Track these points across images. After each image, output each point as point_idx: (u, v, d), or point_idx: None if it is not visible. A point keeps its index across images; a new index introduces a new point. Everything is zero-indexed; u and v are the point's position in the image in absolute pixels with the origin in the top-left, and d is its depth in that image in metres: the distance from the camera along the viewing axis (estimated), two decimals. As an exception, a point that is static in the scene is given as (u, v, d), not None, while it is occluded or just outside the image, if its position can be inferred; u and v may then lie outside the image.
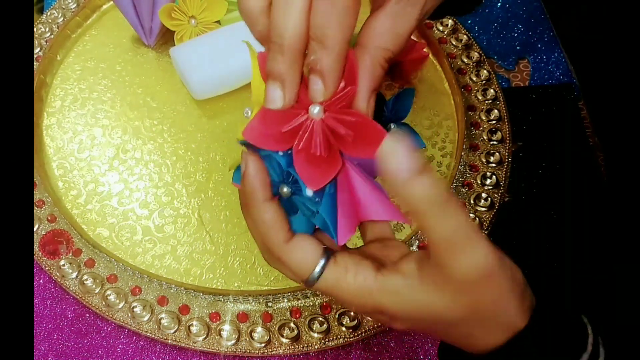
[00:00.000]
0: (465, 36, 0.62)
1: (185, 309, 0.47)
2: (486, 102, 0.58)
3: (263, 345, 0.45)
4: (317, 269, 0.28)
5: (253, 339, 0.45)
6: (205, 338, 0.45)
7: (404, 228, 0.52)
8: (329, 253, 0.29)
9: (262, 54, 0.28)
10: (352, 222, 0.29)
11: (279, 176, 0.29)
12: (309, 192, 0.28)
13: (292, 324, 0.45)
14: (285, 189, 0.29)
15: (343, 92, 0.27)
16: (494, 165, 0.54)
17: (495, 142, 0.55)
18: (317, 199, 0.28)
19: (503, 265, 0.27)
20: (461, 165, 0.54)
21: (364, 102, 0.28)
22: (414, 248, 0.49)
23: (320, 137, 0.27)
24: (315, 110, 0.27)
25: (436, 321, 0.28)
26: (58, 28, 0.63)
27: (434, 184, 0.24)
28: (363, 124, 0.27)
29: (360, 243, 0.33)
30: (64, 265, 0.48)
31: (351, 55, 0.27)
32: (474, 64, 0.60)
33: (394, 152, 0.24)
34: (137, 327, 0.45)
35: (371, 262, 0.28)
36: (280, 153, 0.28)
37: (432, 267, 0.27)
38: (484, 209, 0.51)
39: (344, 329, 0.45)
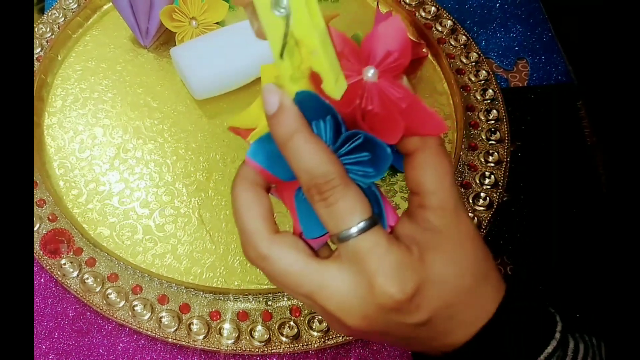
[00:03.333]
0: (464, 36, 0.62)
1: (185, 308, 0.47)
2: (485, 102, 0.58)
3: (263, 343, 0.45)
4: (368, 221, 0.25)
5: (253, 337, 0.45)
6: (205, 337, 0.45)
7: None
8: (375, 217, 0.26)
9: None
10: (392, 210, 0.28)
11: (331, 143, 0.26)
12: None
13: (292, 323, 0.46)
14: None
15: (394, 61, 0.26)
16: (492, 165, 0.54)
17: (494, 142, 0.55)
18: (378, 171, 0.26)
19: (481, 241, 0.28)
20: (460, 165, 0.54)
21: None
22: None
23: (378, 96, 0.26)
24: (370, 72, 0.26)
25: (462, 285, 0.27)
26: (59, 28, 0.63)
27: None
28: (414, 99, 0.26)
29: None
30: (64, 264, 0.48)
31: (402, 26, 0.26)
32: (473, 64, 0.60)
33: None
34: (138, 326, 0.46)
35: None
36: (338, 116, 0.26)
37: (436, 223, 0.27)
38: (482, 208, 0.51)
39: (343, 327, 0.45)
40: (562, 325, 0.29)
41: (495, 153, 0.54)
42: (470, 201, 0.52)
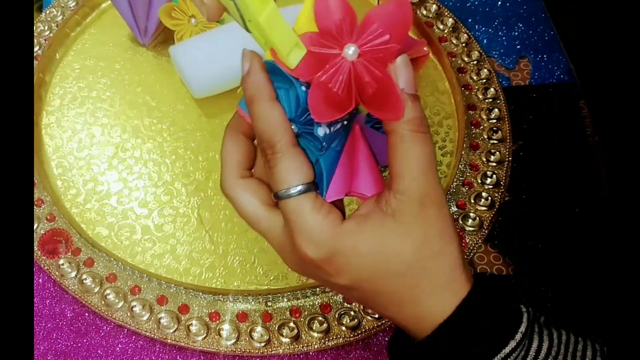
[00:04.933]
0: (465, 35, 0.62)
1: (184, 309, 0.46)
2: (486, 101, 0.58)
3: (263, 344, 0.45)
4: (300, 187, 0.28)
5: (253, 338, 0.45)
6: (204, 337, 0.45)
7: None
8: (313, 184, 0.29)
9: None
10: (344, 187, 0.30)
11: (292, 112, 0.28)
12: (320, 132, 0.28)
13: (291, 324, 0.45)
14: (294, 127, 0.29)
15: (383, 44, 0.27)
16: (494, 164, 0.54)
17: (495, 141, 0.55)
18: (323, 146, 0.28)
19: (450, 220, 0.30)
20: (461, 165, 0.54)
21: (402, 63, 0.28)
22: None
23: (345, 76, 0.27)
24: (350, 50, 0.27)
25: (390, 265, 0.29)
26: (57, 26, 0.62)
27: (421, 113, 0.28)
28: (387, 83, 0.27)
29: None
30: (63, 264, 0.48)
31: (402, 9, 0.27)
32: (475, 63, 0.60)
33: (404, 70, 0.27)
34: (137, 327, 0.45)
35: (340, 214, 0.29)
36: (303, 87, 0.28)
37: (394, 207, 0.28)
38: (484, 208, 0.51)
39: (343, 328, 0.45)
40: (528, 325, 0.30)
41: (497, 152, 0.54)
42: (472, 201, 0.51)
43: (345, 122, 0.30)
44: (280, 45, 0.27)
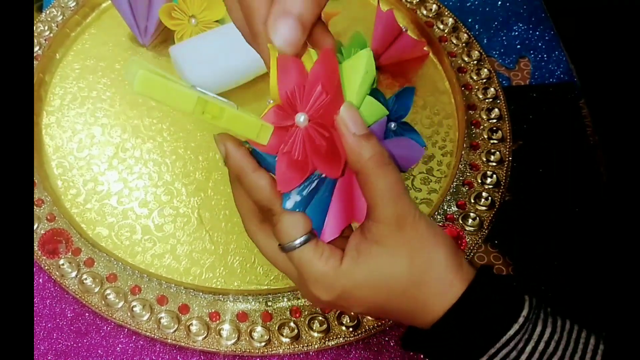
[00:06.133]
0: (465, 35, 0.62)
1: (184, 309, 0.46)
2: (487, 100, 0.58)
3: (263, 344, 0.45)
4: (301, 239, 0.31)
5: (253, 338, 0.45)
6: (204, 337, 0.45)
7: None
8: (314, 235, 0.32)
9: (282, 56, 0.29)
10: (340, 225, 0.32)
11: None
12: (288, 205, 0.31)
13: (292, 324, 0.45)
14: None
15: (324, 104, 0.29)
16: (494, 164, 0.54)
17: (495, 141, 0.55)
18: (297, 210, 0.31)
19: (437, 228, 0.33)
20: (461, 164, 0.54)
21: (345, 111, 0.30)
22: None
23: (300, 142, 0.30)
24: (301, 119, 0.29)
25: (389, 288, 0.31)
26: (57, 26, 0.62)
27: (379, 147, 0.30)
28: (332, 142, 0.30)
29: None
30: (63, 264, 0.48)
31: (332, 64, 0.29)
32: (475, 63, 0.60)
33: (350, 115, 0.29)
34: (137, 327, 0.45)
35: (340, 252, 0.32)
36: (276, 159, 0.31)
37: (376, 234, 0.31)
38: (484, 208, 0.51)
39: (343, 328, 0.45)
40: (530, 310, 0.32)
41: (497, 152, 0.54)
42: (472, 201, 0.51)
43: (322, 175, 0.32)
44: (248, 134, 0.30)
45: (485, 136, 0.55)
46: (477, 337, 0.31)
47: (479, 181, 0.52)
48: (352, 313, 0.44)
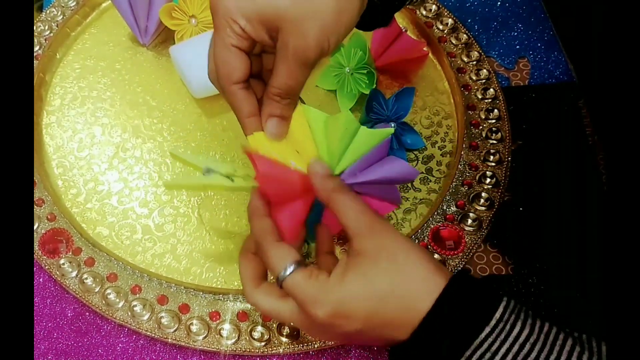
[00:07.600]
0: (465, 35, 0.62)
1: (185, 308, 0.47)
2: (486, 101, 0.58)
3: (263, 344, 0.45)
4: (291, 267, 0.35)
5: (253, 337, 0.45)
6: (205, 337, 0.45)
7: (404, 227, 0.52)
8: (301, 261, 0.36)
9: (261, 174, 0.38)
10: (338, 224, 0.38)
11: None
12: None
13: (292, 323, 0.45)
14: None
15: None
16: (493, 164, 0.54)
17: (495, 142, 0.55)
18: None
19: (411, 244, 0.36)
20: (461, 165, 0.54)
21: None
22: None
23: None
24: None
25: (379, 290, 0.34)
26: (57, 26, 0.62)
27: (340, 181, 0.38)
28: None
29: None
30: (63, 264, 0.48)
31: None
32: (474, 63, 0.60)
33: (318, 165, 0.37)
34: (137, 326, 0.45)
35: (329, 270, 0.36)
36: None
37: (356, 247, 0.35)
38: (483, 208, 0.51)
39: (343, 328, 0.45)
40: (504, 311, 0.33)
41: (497, 152, 0.54)
42: (471, 201, 0.51)
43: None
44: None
45: (485, 136, 0.55)
46: (452, 340, 0.33)
47: (479, 181, 0.53)
48: (353, 342, 0.44)
